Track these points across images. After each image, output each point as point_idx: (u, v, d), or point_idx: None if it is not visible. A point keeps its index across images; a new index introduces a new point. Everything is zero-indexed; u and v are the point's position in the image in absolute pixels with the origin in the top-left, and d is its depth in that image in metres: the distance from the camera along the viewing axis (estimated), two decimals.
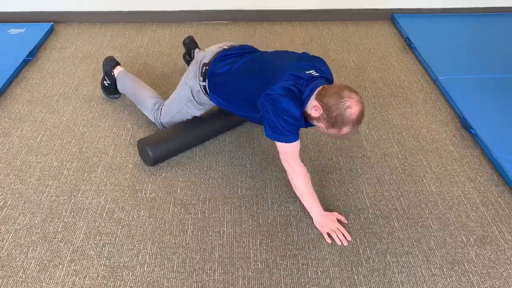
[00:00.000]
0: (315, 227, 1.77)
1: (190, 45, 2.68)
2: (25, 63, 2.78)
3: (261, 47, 3.04)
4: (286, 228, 1.77)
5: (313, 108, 1.66)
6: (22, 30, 3.07)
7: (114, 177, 1.99)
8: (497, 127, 2.27)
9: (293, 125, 1.68)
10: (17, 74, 2.67)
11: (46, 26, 3.14)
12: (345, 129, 1.62)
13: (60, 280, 1.56)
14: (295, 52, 1.96)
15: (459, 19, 3.42)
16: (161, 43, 3.09)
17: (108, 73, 2.42)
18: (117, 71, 2.41)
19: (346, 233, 1.71)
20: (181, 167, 2.05)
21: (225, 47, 1.99)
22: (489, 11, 3.51)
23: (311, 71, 1.73)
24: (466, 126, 2.32)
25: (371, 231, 1.77)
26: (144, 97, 2.26)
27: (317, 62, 1.84)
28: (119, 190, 1.93)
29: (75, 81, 2.64)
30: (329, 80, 1.80)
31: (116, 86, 2.42)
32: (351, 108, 1.58)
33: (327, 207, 1.86)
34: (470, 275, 1.62)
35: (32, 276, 1.57)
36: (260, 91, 1.71)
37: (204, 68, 1.95)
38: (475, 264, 1.66)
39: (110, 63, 2.42)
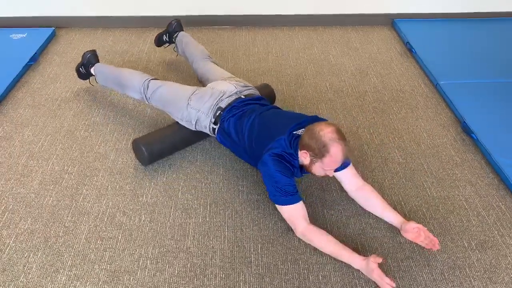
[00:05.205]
0: None
1: (177, 28, 2.79)
2: (27, 67, 2.79)
3: (262, 53, 3.08)
4: (287, 233, 1.77)
5: (301, 156, 1.71)
6: (24, 35, 3.09)
7: (115, 182, 1.99)
8: (498, 132, 2.27)
9: (287, 181, 1.69)
10: (19, 78, 2.68)
11: (47, 31, 3.15)
12: (334, 150, 1.60)
13: (62, 284, 1.56)
14: (289, 114, 1.98)
15: (460, 24, 3.44)
16: (163, 48, 3.10)
17: (86, 68, 2.53)
18: (93, 68, 2.52)
19: (387, 279, 1.53)
20: (182, 172, 2.06)
21: (242, 96, 2.04)
22: (489, 16, 3.52)
23: (300, 130, 1.76)
24: (466, 130, 2.32)
25: (372, 236, 1.77)
26: (126, 76, 2.32)
27: (309, 120, 1.82)
28: (120, 194, 1.93)
29: (77, 85, 2.65)
30: None
31: (89, 74, 2.55)
32: (323, 130, 1.63)
33: (328, 211, 1.86)
34: (472, 280, 1.62)
35: (34, 280, 1.57)
36: (257, 151, 1.81)
37: (219, 112, 1.99)
38: (476, 268, 1.66)
39: (92, 61, 2.52)
